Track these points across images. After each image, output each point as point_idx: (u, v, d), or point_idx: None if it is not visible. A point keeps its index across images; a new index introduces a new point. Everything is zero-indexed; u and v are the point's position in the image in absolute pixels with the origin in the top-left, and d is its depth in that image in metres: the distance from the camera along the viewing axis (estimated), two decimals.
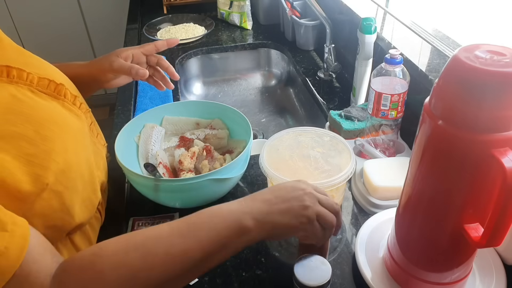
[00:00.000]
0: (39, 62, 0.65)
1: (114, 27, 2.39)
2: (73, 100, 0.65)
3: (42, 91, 0.60)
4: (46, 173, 0.54)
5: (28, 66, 0.60)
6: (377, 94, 0.79)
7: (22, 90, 0.57)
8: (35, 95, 0.58)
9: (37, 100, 0.58)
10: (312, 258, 0.58)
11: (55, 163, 0.55)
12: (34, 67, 0.61)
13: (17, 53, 0.62)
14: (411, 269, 0.57)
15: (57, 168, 0.55)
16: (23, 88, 0.57)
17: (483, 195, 0.47)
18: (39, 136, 0.54)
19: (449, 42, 0.89)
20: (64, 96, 0.63)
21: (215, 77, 1.51)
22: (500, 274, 0.61)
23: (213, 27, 1.53)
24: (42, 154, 0.54)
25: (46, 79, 0.61)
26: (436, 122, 0.45)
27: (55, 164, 0.55)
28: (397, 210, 0.59)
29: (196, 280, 0.65)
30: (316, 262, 0.57)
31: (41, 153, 0.54)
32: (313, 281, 0.55)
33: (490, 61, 0.41)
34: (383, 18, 1.05)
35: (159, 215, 0.76)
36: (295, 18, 1.34)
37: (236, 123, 0.87)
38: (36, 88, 0.59)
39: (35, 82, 0.59)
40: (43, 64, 0.66)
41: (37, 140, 0.54)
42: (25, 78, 0.58)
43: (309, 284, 0.54)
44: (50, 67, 0.66)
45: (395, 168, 0.76)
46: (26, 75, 0.58)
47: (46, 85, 0.61)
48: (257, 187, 0.83)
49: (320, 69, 1.27)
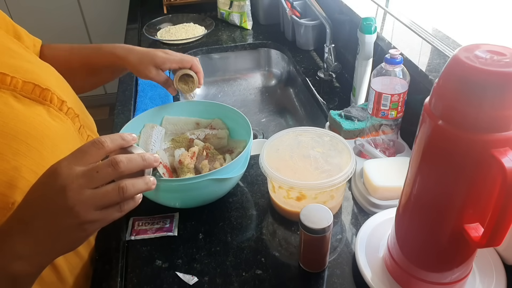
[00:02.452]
0: (30, 64, 0.62)
1: (114, 27, 2.39)
2: (60, 105, 0.63)
3: (26, 96, 0.58)
4: (11, 192, 0.50)
5: (14, 70, 0.58)
6: (377, 94, 0.79)
7: (4, 96, 0.55)
8: (17, 100, 0.56)
9: (17, 108, 0.55)
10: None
11: (24, 181, 0.51)
12: (22, 70, 0.59)
13: (6, 56, 0.60)
14: (411, 269, 0.57)
15: (26, 184, 0.51)
16: (5, 93, 0.55)
17: (483, 195, 0.47)
18: (11, 150, 0.51)
19: (449, 42, 0.89)
20: (50, 101, 0.61)
21: (215, 77, 1.51)
22: (500, 274, 0.61)
23: (213, 27, 1.53)
24: (11, 171, 0.50)
25: (31, 83, 0.58)
26: (436, 122, 0.45)
27: (24, 182, 0.51)
28: (397, 210, 0.59)
29: (196, 280, 0.65)
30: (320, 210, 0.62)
31: (10, 170, 0.50)
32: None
33: (490, 61, 0.41)
34: (383, 18, 1.05)
35: (159, 215, 0.77)
36: (295, 18, 1.34)
37: (236, 123, 0.87)
38: (19, 93, 0.57)
39: (19, 87, 0.57)
40: (34, 66, 0.63)
41: (7, 155, 0.50)
42: (9, 83, 0.56)
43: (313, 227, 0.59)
44: (41, 70, 0.64)
45: (395, 168, 0.76)
46: (10, 79, 0.56)
47: (31, 90, 0.58)
48: (257, 187, 0.83)
49: (320, 69, 1.27)
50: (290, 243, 0.71)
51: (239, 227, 0.74)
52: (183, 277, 0.66)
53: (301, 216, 0.60)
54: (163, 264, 0.68)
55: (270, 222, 0.76)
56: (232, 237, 0.73)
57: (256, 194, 0.81)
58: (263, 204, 0.79)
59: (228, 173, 0.71)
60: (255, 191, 0.82)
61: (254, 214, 0.77)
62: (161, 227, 0.74)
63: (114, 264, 0.67)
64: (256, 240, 0.72)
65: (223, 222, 0.75)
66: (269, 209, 0.78)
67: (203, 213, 0.77)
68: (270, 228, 0.75)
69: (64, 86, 0.68)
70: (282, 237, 0.73)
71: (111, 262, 0.67)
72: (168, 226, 0.74)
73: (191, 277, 0.66)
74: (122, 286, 0.65)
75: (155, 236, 0.73)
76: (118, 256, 0.68)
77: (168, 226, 0.74)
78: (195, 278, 0.65)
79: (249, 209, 0.78)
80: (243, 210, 0.78)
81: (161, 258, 0.69)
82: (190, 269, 0.67)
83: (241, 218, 0.76)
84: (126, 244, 0.72)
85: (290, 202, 0.73)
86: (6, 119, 0.53)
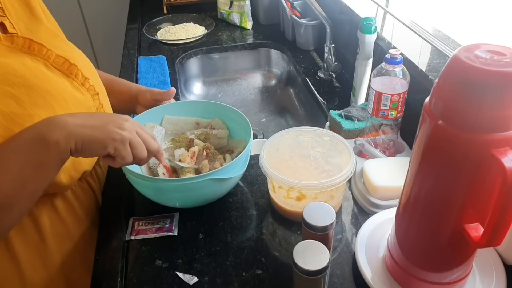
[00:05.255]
0: (66, 47, 0.72)
1: (114, 27, 2.39)
2: (83, 81, 0.71)
3: (55, 67, 0.67)
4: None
5: (51, 46, 0.67)
6: (377, 94, 0.79)
7: (37, 62, 0.64)
8: (48, 69, 0.65)
9: (46, 73, 0.64)
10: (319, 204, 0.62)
11: None
12: (59, 48, 0.69)
13: (50, 35, 0.70)
14: (411, 269, 0.57)
15: None
16: (39, 61, 0.65)
17: (483, 195, 0.47)
18: (30, 100, 0.59)
19: (449, 42, 0.89)
20: (75, 75, 0.69)
21: (215, 77, 1.51)
22: (500, 274, 0.61)
23: (213, 27, 1.53)
24: (26, 116, 0.58)
25: (62, 58, 0.68)
26: (436, 122, 0.45)
27: None
28: (397, 210, 0.59)
29: (196, 279, 0.65)
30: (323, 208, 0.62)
31: (25, 116, 0.58)
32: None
33: (490, 61, 0.41)
34: (383, 18, 1.05)
35: (159, 215, 0.77)
36: (295, 18, 1.34)
37: (236, 123, 0.87)
38: (51, 64, 0.66)
39: (52, 59, 0.66)
40: (69, 48, 0.72)
41: (26, 103, 0.59)
42: (44, 53, 0.66)
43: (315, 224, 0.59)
44: (74, 52, 0.73)
45: (395, 168, 0.76)
46: (45, 50, 0.66)
47: (61, 62, 0.68)
48: (257, 187, 0.83)
49: (320, 69, 1.27)
50: (290, 243, 0.71)
51: (239, 227, 0.74)
52: (183, 277, 0.66)
53: (304, 214, 0.60)
54: (163, 264, 0.68)
55: (270, 222, 0.76)
56: (232, 237, 0.73)
57: (256, 194, 0.81)
58: (263, 204, 0.79)
59: (228, 173, 0.71)
60: (255, 191, 0.82)
61: (254, 214, 0.77)
62: (161, 227, 0.74)
63: (114, 264, 0.67)
64: (256, 240, 0.72)
65: (223, 222, 0.75)
66: (269, 209, 0.78)
67: (203, 213, 0.77)
68: (270, 228, 0.75)
69: (91, 69, 0.75)
70: (282, 237, 0.73)
71: (111, 262, 0.67)
72: (168, 226, 0.74)
73: (191, 277, 0.66)
74: (122, 286, 0.65)
75: (155, 236, 0.73)
76: (118, 256, 0.68)
77: (168, 226, 0.74)
78: (195, 278, 0.65)
79: (249, 209, 0.78)
80: (243, 210, 0.78)
81: (161, 258, 0.69)
82: (190, 269, 0.67)
83: (241, 218, 0.76)
84: (126, 244, 0.72)
85: (290, 202, 0.73)
86: (32, 76, 0.61)
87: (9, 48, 0.62)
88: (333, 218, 0.59)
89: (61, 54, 0.68)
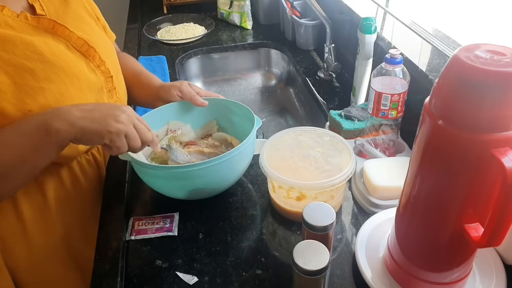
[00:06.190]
0: (91, 30, 0.78)
1: (114, 27, 2.38)
2: (100, 63, 0.76)
3: (75, 48, 0.72)
4: (32, 103, 0.64)
5: (76, 28, 0.73)
6: (377, 94, 0.79)
7: (58, 42, 0.70)
8: (68, 49, 0.71)
9: (65, 52, 0.70)
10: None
11: (44, 99, 0.65)
12: (82, 31, 0.74)
13: (77, 18, 0.76)
14: (411, 269, 0.57)
15: (45, 103, 0.65)
16: (61, 41, 0.70)
17: (483, 195, 0.47)
18: (44, 75, 0.65)
19: (449, 42, 0.89)
20: (92, 57, 0.74)
21: (215, 77, 1.51)
22: (500, 274, 0.61)
23: (213, 27, 1.53)
24: (38, 89, 0.64)
25: (82, 40, 0.73)
26: (436, 122, 0.45)
27: (44, 100, 0.65)
28: (397, 210, 0.59)
29: (196, 279, 0.65)
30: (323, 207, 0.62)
31: (37, 88, 0.64)
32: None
33: (490, 61, 0.41)
34: (383, 18, 1.05)
35: (159, 215, 0.77)
36: (295, 18, 1.34)
37: (238, 116, 0.87)
38: (72, 44, 0.72)
39: (73, 40, 0.72)
40: (93, 32, 0.78)
41: (40, 77, 0.65)
42: (66, 35, 0.71)
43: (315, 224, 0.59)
44: (97, 36, 0.78)
45: (395, 168, 0.76)
46: (68, 32, 0.72)
47: (81, 44, 0.73)
48: (257, 187, 0.83)
49: (320, 69, 1.27)
50: (290, 243, 0.71)
51: (239, 227, 0.74)
52: (183, 277, 0.66)
53: (304, 214, 0.60)
54: (163, 264, 0.68)
55: (270, 222, 0.76)
56: (232, 237, 0.73)
57: (256, 194, 0.81)
58: (263, 204, 0.79)
59: (240, 148, 0.71)
60: (255, 191, 0.82)
61: (254, 214, 0.77)
62: (161, 227, 0.74)
63: (114, 264, 0.67)
64: (256, 240, 0.72)
65: (223, 222, 0.75)
66: (269, 209, 0.78)
67: (203, 213, 0.77)
68: (270, 228, 0.75)
69: (110, 54, 0.80)
70: (282, 237, 0.73)
71: (111, 262, 0.67)
72: (168, 226, 0.74)
73: (191, 277, 0.66)
74: (122, 286, 0.65)
75: (155, 236, 0.73)
76: (118, 256, 0.68)
77: (168, 226, 0.74)
78: (195, 278, 0.65)
79: (249, 209, 0.78)
80: (243, 210, 0.78)
81: (161, 258, 0.69)
82: (190, 269, 0.67)
83: (241, 218, 0.76)
84: (126, 244, 0.72)
85: (290, 202, 0.73)
86: (50, 54, 0.67)
87: (35, 28, 0.68)
88: (333, 218, 0.59)
89: (82, 36, 0.73)
